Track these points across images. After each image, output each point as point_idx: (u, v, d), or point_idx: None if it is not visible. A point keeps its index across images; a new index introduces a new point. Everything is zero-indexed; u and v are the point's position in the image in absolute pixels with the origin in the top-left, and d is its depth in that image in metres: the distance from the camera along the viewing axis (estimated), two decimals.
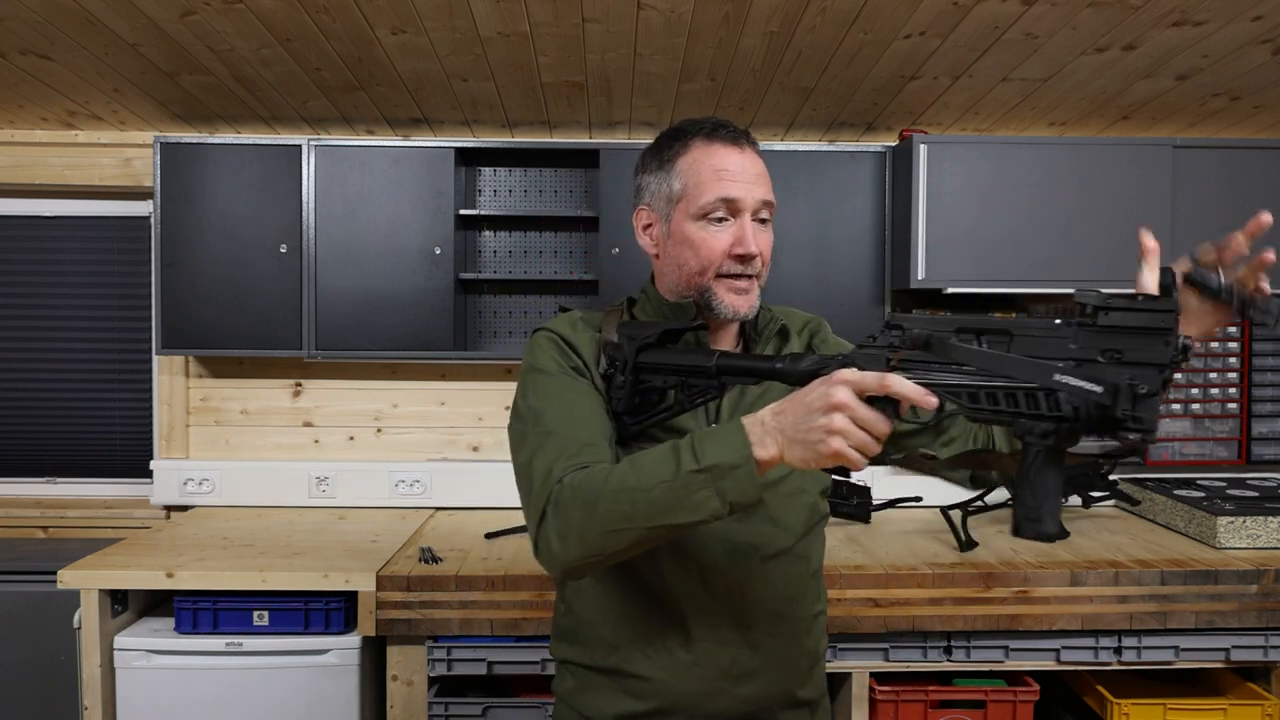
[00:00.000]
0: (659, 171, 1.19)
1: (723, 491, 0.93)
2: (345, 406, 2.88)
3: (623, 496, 0.97)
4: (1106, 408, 0.79)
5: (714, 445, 0.95)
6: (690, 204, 1.14)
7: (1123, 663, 2.11)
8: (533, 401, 1.13)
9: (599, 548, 0.99)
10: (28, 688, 2.40)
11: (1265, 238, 0.99)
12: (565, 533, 1.00)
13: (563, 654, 1.24)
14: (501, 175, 2.81)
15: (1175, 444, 2.81)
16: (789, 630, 1.20)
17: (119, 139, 2.78)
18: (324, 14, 1.84)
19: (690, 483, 0.94)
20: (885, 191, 2.57)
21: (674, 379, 1.11)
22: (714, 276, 1.14)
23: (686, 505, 0.94)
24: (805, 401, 0.91)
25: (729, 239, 1.13)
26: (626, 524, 0.96)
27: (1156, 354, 0.80)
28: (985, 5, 1.79)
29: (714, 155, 1.15)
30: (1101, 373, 0.81)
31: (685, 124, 1.19)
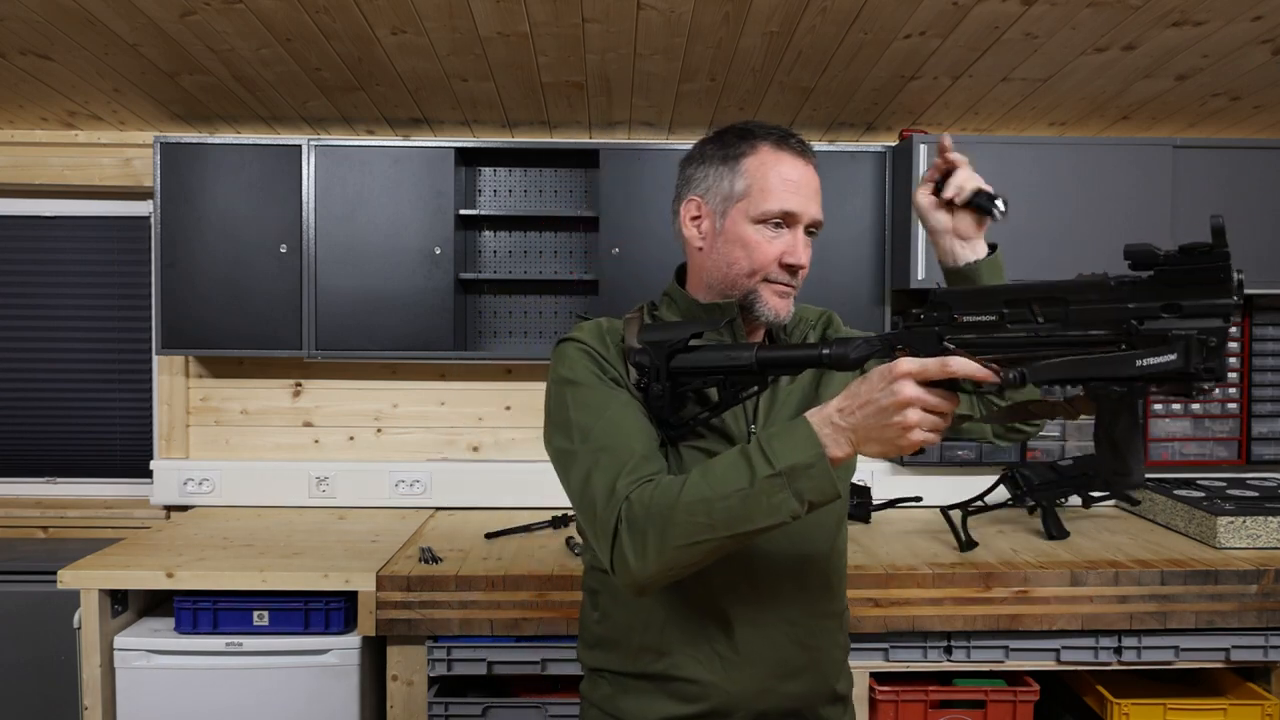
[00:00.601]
0: (721, 166, 1.18)
1: (800, 492, 0.94)
2: (345, 406, 2.88)
3: (698, 508, 0.97)
4: (1181, 367, 0.79)
5: (785, 446, 0.96)
6: (752, 206, 1.15)
7: (1123, 663, 2.11)
8: (576, 416, 1.11)
9: (678, 560, 0.99)
10: (28, 688, 2.40)
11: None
12: (643, 550, 0.99)
13: (597, 661, 1.23)
14: (501, 175, 2.81)
15: (1175, 444, 2.81)
16: (829, 625, 1.22)
17: (119, 139, 2.78)
18: (324, 14, 1.84)
19: (767, 487, 0.95)
20: (885, 191, 2.57)
21: (714, 378, 1.10)
22: (761, 280, 1.16)
23: (764, 509, 0.95)
24: (874, 400, 0.91)
25: (781, 247, 1.15)
26: (706, 535, 0.97)
27: (1220, 303, 0.79)
28: (985, 5, 1.79)
29: (783, 163, 1.16)
30: (1165, 327, 0.81)
31: (753, 125, 1.19)
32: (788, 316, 1.19)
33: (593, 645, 1.24)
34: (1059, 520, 2.40)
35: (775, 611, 1.16)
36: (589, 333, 1.18)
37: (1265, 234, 2.52)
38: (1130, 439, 0.85)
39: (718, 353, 1.10)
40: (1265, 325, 2.81)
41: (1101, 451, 0.87)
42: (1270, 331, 2.81)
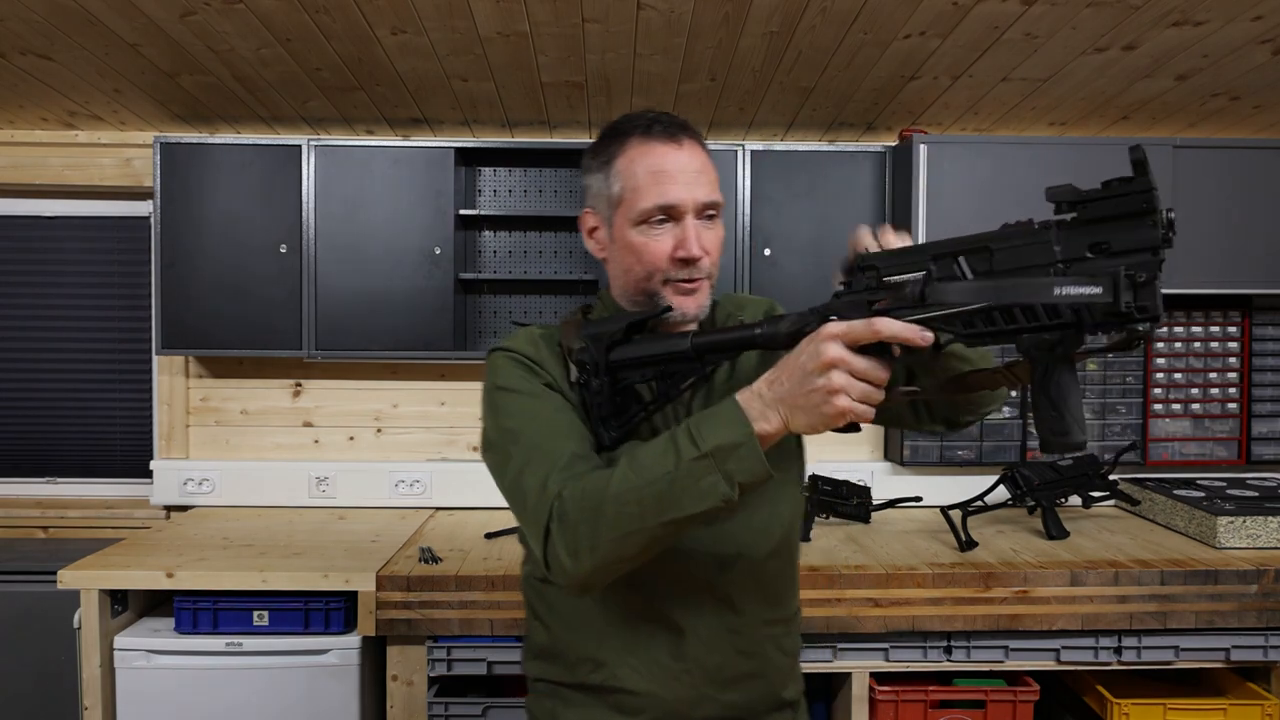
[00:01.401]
0: (598, 173, 1.13)
1: (729, 474, 0.89)
2: (345, 406, 2.88)
3: (628, 497, 0.92)
4: (1110, 304, 0.75)
5: (712, 427, 0.91)
6: (629, 208, 1.09)
7: (1123, 663, 2.11)
8: (507, 422, 1.08)
9: (613, 554, 0.95)
10: (28, 688, 2.40)
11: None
12: (575, 547, 0.95)
13: (539, 672, 1.20)
14: (501, 175, 2.81)
15: (1175, 444, 2.81)
16: (775, 631, 1.18)
17: (119, 139, 2.78)
18: (324, 14, 1.84)
19: (694, 470, 0.90)
20: (885, 191, 2.57)
21: (651, 370, 1.06)
22: (660, 282, 1.10)
23: (693, 494, 0.90)
24: (799, 364, 0.87)
25: (671, 243, 1.08)
26: (637, 525, 0.92)
27: (1146, 236, 0.76)
28: (985, 5, 1.79)
29: (651, 155, 1.09)
30: (1095, 269, 0.77)
31: (623, 120, 1.13)
32: (699, 312, 1.12)
33: (535, 656, 1.21)
34: (1059, 520, 2.40)
35: (716, 619, 1.13)
36: (520, 340, 1.15)
37: (1265, 234, 2.52)
38: (1066, 397, 0.82)
39: (655, 343, 1.06)
40: (1265, 325, 2.81)
41: (1039, 411, 0.83)
42: (1270, 331, 2.81)
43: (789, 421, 0.89)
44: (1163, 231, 0.75)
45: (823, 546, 2.31)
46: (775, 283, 2.56)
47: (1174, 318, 2.80)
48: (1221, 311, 2.80)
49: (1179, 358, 2.80)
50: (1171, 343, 2.80)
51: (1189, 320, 2.80)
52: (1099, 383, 2.79)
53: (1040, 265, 0.80)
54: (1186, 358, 2.80)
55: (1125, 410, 2.80)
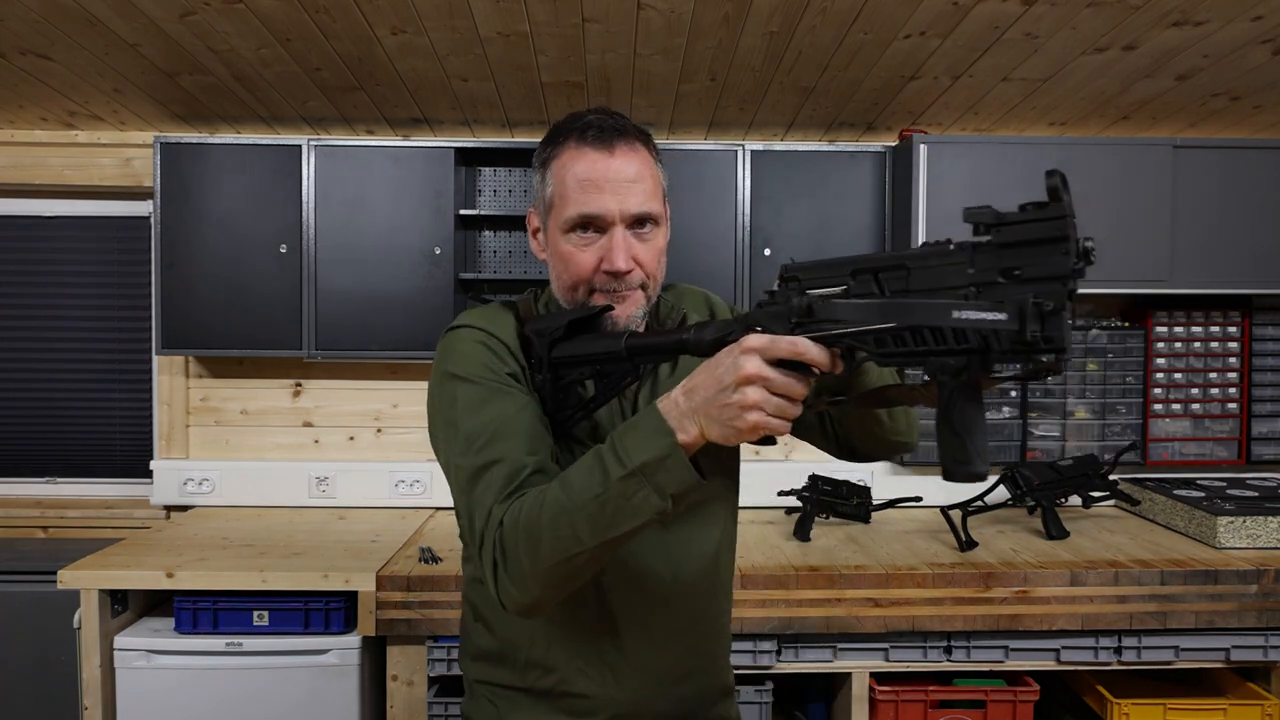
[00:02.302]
0: (537, 173, 1.10)
1: (659, 486, 0.87)
2: (345, 406, 2.88)
3: (561, 521, 0.90)
4: (1015, 332, 0.74)
5: (636, 442, 0.89)
6: (558, 215, 1.06)
7: (1123, 663, 2.11)
8: (465, 419, 1.01)
9: (556, 579, 0.93)
10: (28, 688, 2.40)
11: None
12: (520, 578, 0.93)
13: (482, 674, 1.17)
14: (501, 175, 2.81)
15: (1175, 444, 2.81)
16: (718, 627, 1.21)
17: (119, 139, 2.78)
18: (324, 14, 1.84)
19: (624, 489, 0.88)
20: (885, 191, 2.57)
21: (588, 370, 1.03)
22: (587, 292, 1.07)
23: (626, 512, 0.89)
24: (716, 376, 0.86)
25: (596, 255, 1.05)
26: (575, 549, 0.90)
27: (1056, 265, 0.73)
28: (985, 5, 1.79)
29: (580, 161, 1.04)
30: (1003, 295, 0.75)
31: (566, 120, 1.08)
32: (629, 322, 1.07)
33: (477, 657, 1.18)
34: (1059, 520, 2.40)
35: (664, 618, 1.12)
36: (485, 318, 1.10)
37: (1265, 234, 2.52)
38: (971, 425, 0.81)
39: (593, 343, 1.03)
40: (1265, 325, 2.81)
41: (942, 437, 0.82)
42: (1270, 331, 2.81)
43: (705, 431, 0.87)
44: (1075, 261, 0.73)
45: (823, 546, 2.31)
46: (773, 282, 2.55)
47: (1174, 318, 2.80)
48: (1221, 311, 2.80)
49: (1179, 358, 2.80)
50: (1171, 343, 2.80)
51: (1189, 320, 2.80)
52: (1099, 383, 2.79)
53: (953, 287, 0.79)
54: (1186, 358, 2.80)
55: (1125, 410, 2.80)
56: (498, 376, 1.04)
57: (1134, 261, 2.49)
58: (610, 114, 1.07)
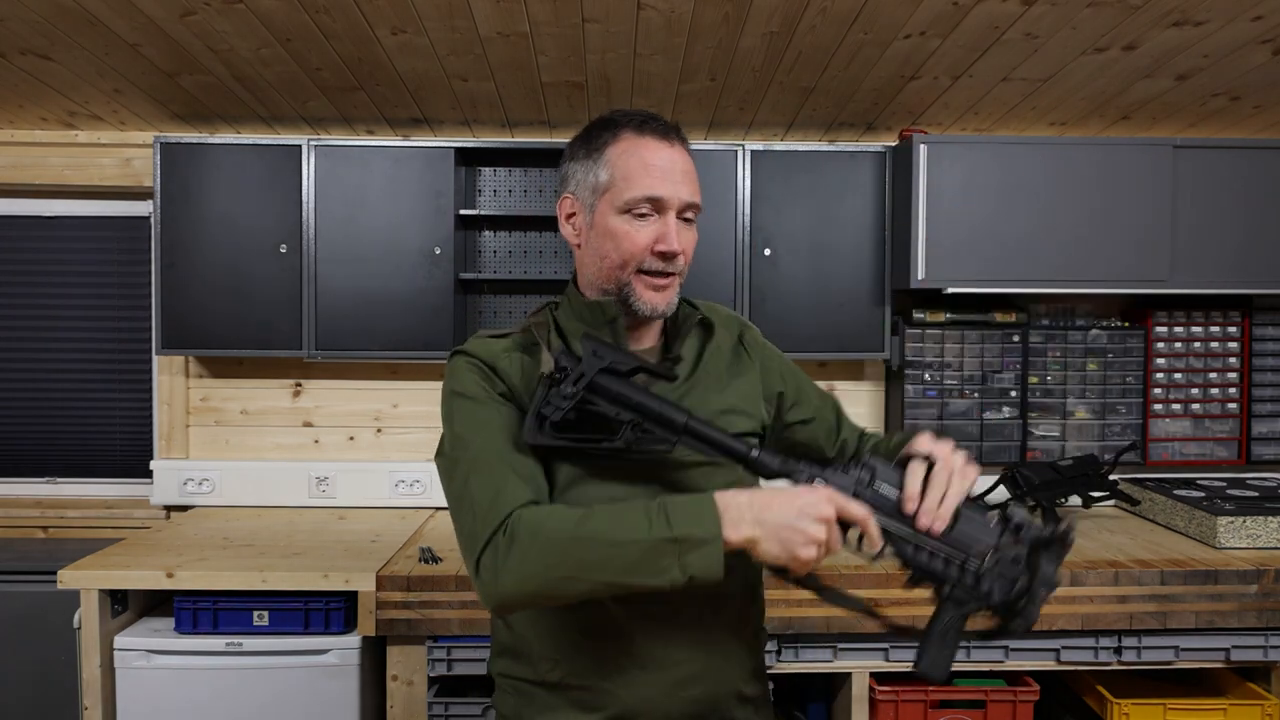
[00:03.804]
0: (586, 160, 1.15)
1: (685, 565, 0.95)
2: (345, 406, 2.88)
3: (590, 546, 0.96)
4: (1018, 600, 1.01)
5: (686, 516, 0.96)
6: (616, 196, 1.11)
7: (1123, 663, 2.11)
8: (461, 429, 1.09)
9: (548, 591, 0.98)
10: (28, 688, 2.40)
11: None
12: (518, 569, 0.98)
13: (504, 669, 1.21)
14: (501, 175, 2.81)
15: (1175, 444, 2.81)
16: (735, 628, 1.20)
17: (119, 139, 2.78)
18: (324, 14, 1.84)
19: (658, 548, 0.95)
20: (885, 191, 2.57)
21: (630, 415, 1.06)
22: (634, 271, 1.12)
23: (649, 569, 0.96)
24: (797, 506, 0.97)
25: (652, 235, 1.11)
26: (585, 574, 0.96)
27: (1048, 573, 1.02)
28: (985, 5, 1.79)
29: (644, 148, 1.12)
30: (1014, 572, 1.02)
31: (616, 114, 1.16)
32: (667, 309, 1.15)
33: (500, 654, 1.22)
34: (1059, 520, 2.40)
35: (679, 615, 1.13)
36: (480, 346, 1.15)
37: (1265, 234, 2.52)
38: (952, 644, 1.04)
39: (650, 397, 1.06)
40: (1265, 325, 2.81)
41: (928, 644, 1.05)
42: (1270, 331, 2.81)
43: (759, 542, 0.97)
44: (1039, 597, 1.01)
45: None
46: (775, 283, 2.56)
47: (1174, 318, 2.80)
48: (1221, 311, 2.80)
49: (1179, 358, 2.80)
50: (1171, 343, 2.80)
51: (1189, 320, 2.80)
52: (1099, 383, 2.79)
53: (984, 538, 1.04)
54: (1186, 358, 2.80)
55: (1125, 410, 2.80)
56: (490, 394, 1.11)
57: (1134, 261, 2.49)
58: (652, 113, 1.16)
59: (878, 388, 2.92)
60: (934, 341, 2.75)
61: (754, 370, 1.26)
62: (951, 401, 2.75)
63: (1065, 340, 2.77)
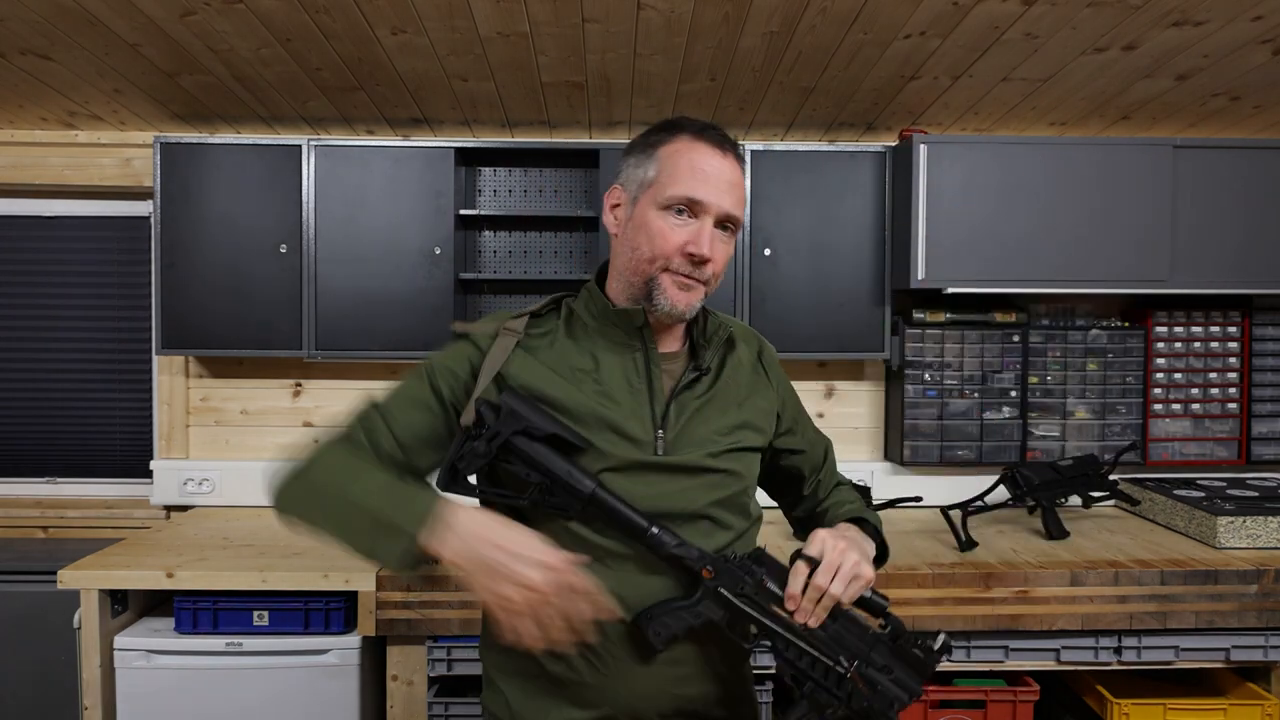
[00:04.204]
0: (640, 154, 1.18)
1: (375, 544, 1.04)
2: (345, 406, 2.86)
3: (339, 495, 1.08)
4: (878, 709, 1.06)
5: (410, 507, 1.04)
6: (658, 191, 1.14)
7: (1123, 663, 2.11)
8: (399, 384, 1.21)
9: (305, 517, 1.12)
10: (28, 688, 2.40)
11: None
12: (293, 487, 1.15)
13: (497, 662, 1.22)
14: (501, 175, 2.81)
15: (1175, 444, 2.81)
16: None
17: (119, 139, 2.78)
18: (324, 14, 1.84)
19: (370, 523, 1.05)
20: (885, 191, 2.57)
21: (538, 478, 1.10)
22: (662, 269, 1.14)
23: (355, 537, 1.06)
24: (521, 546, 1.01)
25: (686, 236, 1.13)
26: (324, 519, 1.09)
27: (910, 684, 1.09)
28: (985, 5, 1.79)
29: (696, 152, 1.14)
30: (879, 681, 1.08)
31: (680, 118, 1.20)
32: (689, 311, 1.16)
33: (491, 645, 1.23)
34: (1059, 520, 2.40)
35: None
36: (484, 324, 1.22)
37: (1265, 234, 2.52)
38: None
39: (562, 462, 1.09)
40: (1265, 325, 2.81)
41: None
42: (1270, 331, 2.81)
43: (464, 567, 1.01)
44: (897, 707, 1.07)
45: None
46: (775, 283, 2.56)
47: (1174, 318, 2.80)
48: (1221, 311, 2.80)
49: (1179, 358, 2.80)
50: (1171, 343, 2.80)
51: (1189, 320, 2.80)
52: (1099, 383, 2.79)
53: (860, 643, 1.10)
54: (1186, 358, 2.80)
55: (1125, 410, 2.80)
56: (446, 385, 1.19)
57: (1134, 261, 2.49)
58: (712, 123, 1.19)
59: (878, 388, 2.92)
60: (934, 341, 2.75)
61: (773, 390, 1.29)
62: (951, 401, 2.75)
63: (1065, 340, 2.77)
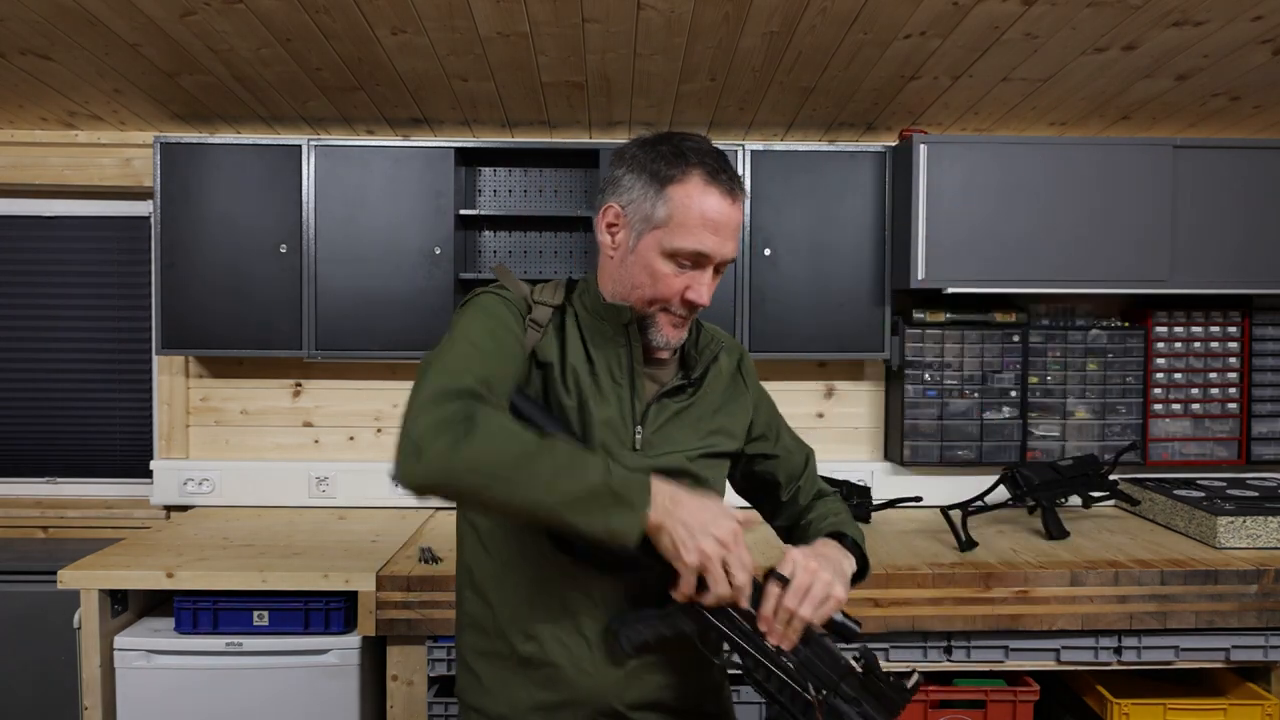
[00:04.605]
0: (649, 184, 1.13)
1: (610, 518, 0.98)
2: (345, 406, 2.88)
3: (545, 461, 0.97)
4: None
5: (628, 478, 1.00)
6: (667, 238, 1.12)
7: (1123, 663, 2.11)
8: (468, 323, 1.12)
9: (481, 486, 0.97)
10: (28, 688, 2.40)
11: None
12: (468, 454, 0.96)
13: (471, 643, 1.22)
14: (501, 175, 2.81)
15: (1175, 444, 2.81)
16: None
17: (119, 139, 2.78)
18: (324, 14, 1.84)
19: (598, 494, 0.98)
20: (885, 191, 2.57)
21: None
22: (660, 309, 1.17)
23: (582, 509, 0.98)
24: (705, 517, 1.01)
25: (686, 283, 1.14)
26: (525, 487, 0.96)
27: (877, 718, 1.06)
28: (985, 5, 1.79)
29: (708, 199, 1.12)
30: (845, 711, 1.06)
31: (688, 147, 1.14)
32: (679, 342, 1.20)
33: (467, 626, 1.23)
34: (1059, 520, 2.40)
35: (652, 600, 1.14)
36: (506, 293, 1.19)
37: (1265, 234, 2.52)
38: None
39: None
40: (1265, 325, 2.81)
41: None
42: (1270, 331, 2.81)
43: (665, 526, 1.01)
44: None
45: None
46: (775, 283, 2.56)
47: (1174, 318, 2.80)
48: (1221, 311, 2.80)
49: (1179, 358, 2.80)
50: (1171, 343, 2.80)
51: (1189, 320, 2.80)
52: (1099, 383, 2.79)
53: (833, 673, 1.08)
54: (1186, 358, 2.80)
55: (1125, 410, 2.80)
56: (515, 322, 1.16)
57: (1134, 261, 2.49)
58: (723, 158, 1.16)
59: (878, 388, 2.92)
60: (934, 341, 2.75)
61: (748, 398, 1.32)
62: (951, 401, 2.75)
63: (1065, 340, 2.77)
